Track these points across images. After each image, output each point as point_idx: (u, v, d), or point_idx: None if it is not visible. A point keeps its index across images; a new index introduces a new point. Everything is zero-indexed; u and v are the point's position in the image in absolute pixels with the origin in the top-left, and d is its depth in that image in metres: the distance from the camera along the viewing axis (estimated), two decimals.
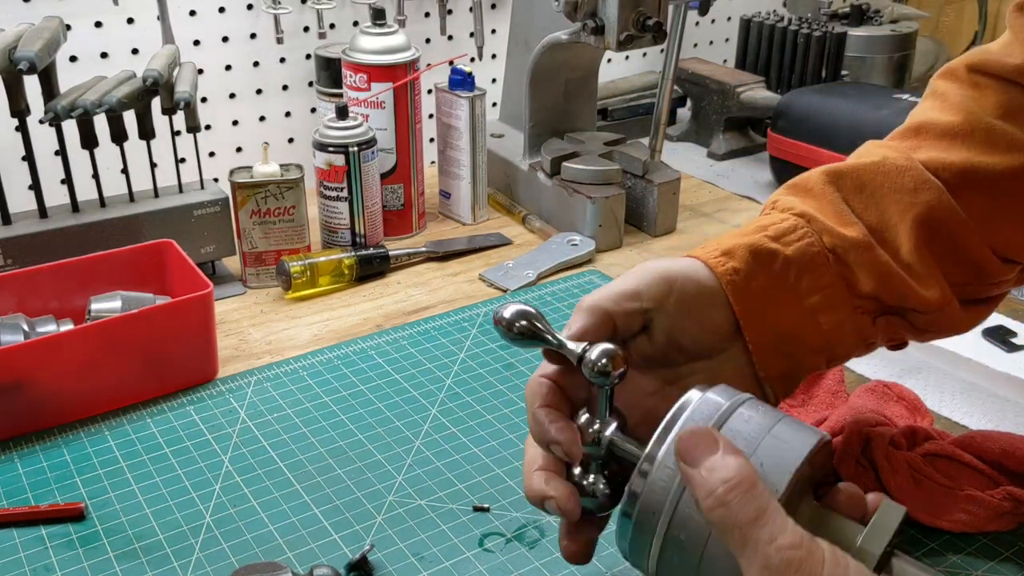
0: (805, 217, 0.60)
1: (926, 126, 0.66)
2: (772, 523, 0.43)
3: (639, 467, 0.48)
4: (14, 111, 1.03)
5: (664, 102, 1.29)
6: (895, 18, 1.74)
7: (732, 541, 0.44)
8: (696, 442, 0.46)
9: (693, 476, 0.45)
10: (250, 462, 0.86)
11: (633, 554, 0.49)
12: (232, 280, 1.18)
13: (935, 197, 0.61)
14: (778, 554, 0.42)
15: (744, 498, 0.44)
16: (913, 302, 0.60)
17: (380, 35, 1.24)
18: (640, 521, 0.47)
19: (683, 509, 0.46)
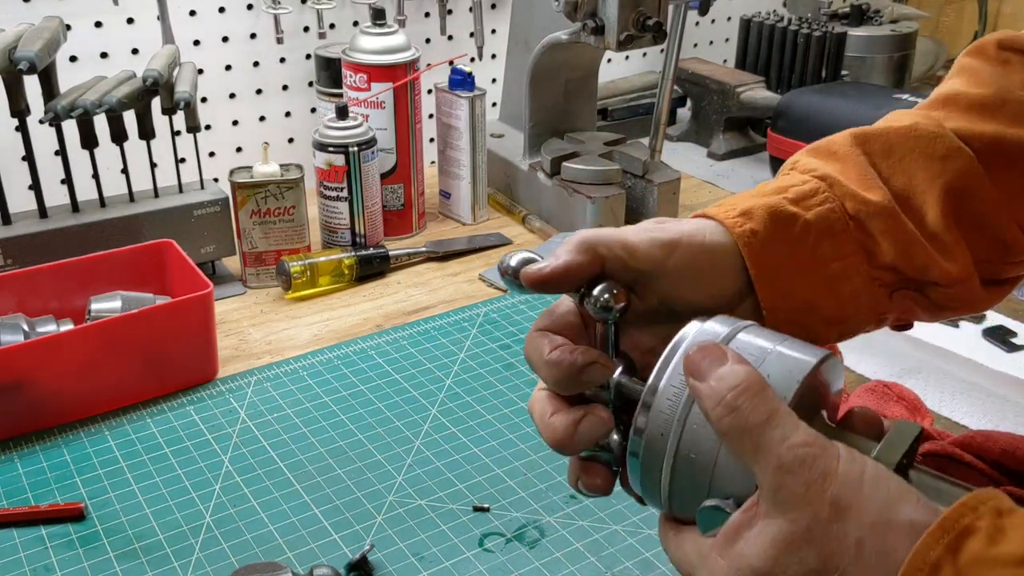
0: (827, 180, 0.58)
1: (955, 97, 0.64)
2: (783, 424, 0.42)
3: (642, 400, 0.47)
4: (14, 111, 1.03)
5: (664, 102, 1.29)
6: (895, 18, 1.74)
7: (744, 447, 0.43)
8: (704, 356, 0.45)
9: (702, 389, 0.44)
10: (250, 462, 0.86)
11: (645, 489, 0.48)
12: (232, 280, 1.18)
13: (966, 166, 0.60)
14: (790, 452, 0.41)
15: (753, 401, 0.43)
16: (934, 274, 0.58)
17: (380, 35, 1.24)
18: (648, 449, 0.46)
19: (691, 428, 0.45)
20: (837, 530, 0.40)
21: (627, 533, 0.79)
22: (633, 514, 0.80)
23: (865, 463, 0.42)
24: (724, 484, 0.45)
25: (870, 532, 0.40)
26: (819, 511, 0.41)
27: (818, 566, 0.40)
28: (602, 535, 0.78)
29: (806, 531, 0.41)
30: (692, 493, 0.46)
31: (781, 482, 0.41)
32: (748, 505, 0.43)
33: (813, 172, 0.58)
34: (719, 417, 0.43)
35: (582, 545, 0.77)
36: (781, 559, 0.41)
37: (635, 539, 0.78)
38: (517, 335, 1.07)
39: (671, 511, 0.47)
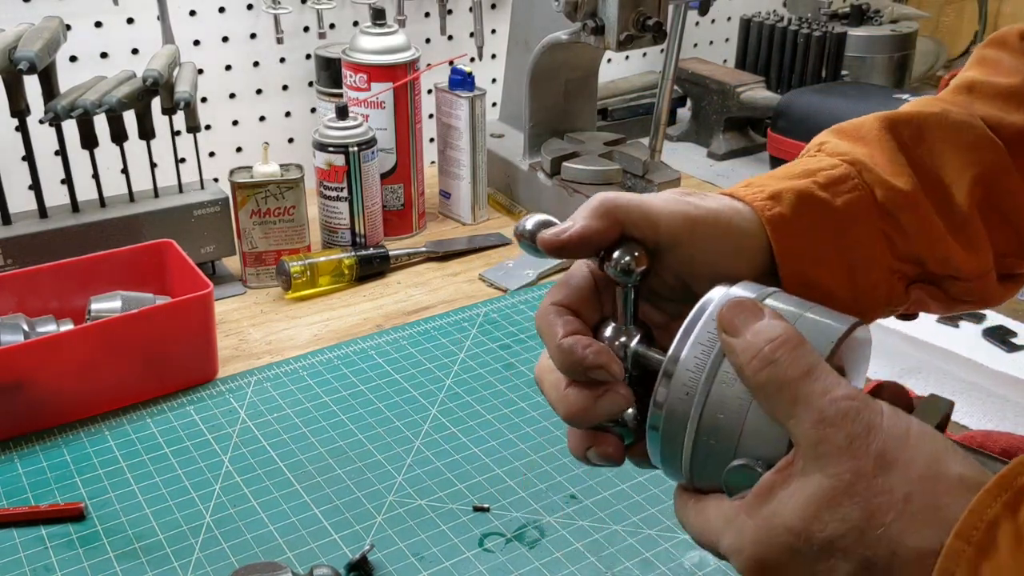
0: (857, 166, 0.56)
1: (979, 85, 0.62)
2: (825, 377, 0.41)
3: (663, 370, 0.45)
4: (14, 111, 1.03)
5: (664, 102, 1.29)
6: (895, 18, 1.74)
7: (781, 401, 0.41)
8: (740, 310, 0.44)
9: (736, 343, 0.43)
10: (250, 462, 0.86)
11: (665, 459, 0.46)
12: (232, 280, 1.18)
13: (996, 156, 0.58)
14: (833, 405, 0.40)
15: (793, 354, 0.41)
16: (955, 267, 0.57)
17: (380, 35, 1.24)
18: (669, 418, 0.45)
19: (718, 389, 0.44)
20: (883, 484, 0.39)
21: (627, 533, 0.79)
22: (633, 514, 0.81)
23: (910, 419, 0.40)
24: (752, 447, 0.43)
25: (919, 486, 0.38)
26: (863, 464, 0.39)
27: (861, 522, 0.39)
28: (602, 535, 0.78)
29: (848, 485, 0.39)
30: (716, 460, 0.44)
31: (822, 435, 0.40)
32: (782, 464, 0.41)
33: (843, 156, 0.57)
34: (756, 370, 0.42)
35: (582, 545, 0.77)
36: (821, 516, 0.39)
37: (635, 539, 0.78)
38: (517, 335, 1.07)
39: (692, 481, 0.46)
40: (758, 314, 0.43)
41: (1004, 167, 0.58)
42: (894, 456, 0.39)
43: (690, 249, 0.51)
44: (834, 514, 0.39)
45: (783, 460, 0.41)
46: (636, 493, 0.83)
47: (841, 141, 0.59)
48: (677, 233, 0.51)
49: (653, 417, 0.45)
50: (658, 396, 0.45)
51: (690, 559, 0.76)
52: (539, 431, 0.91)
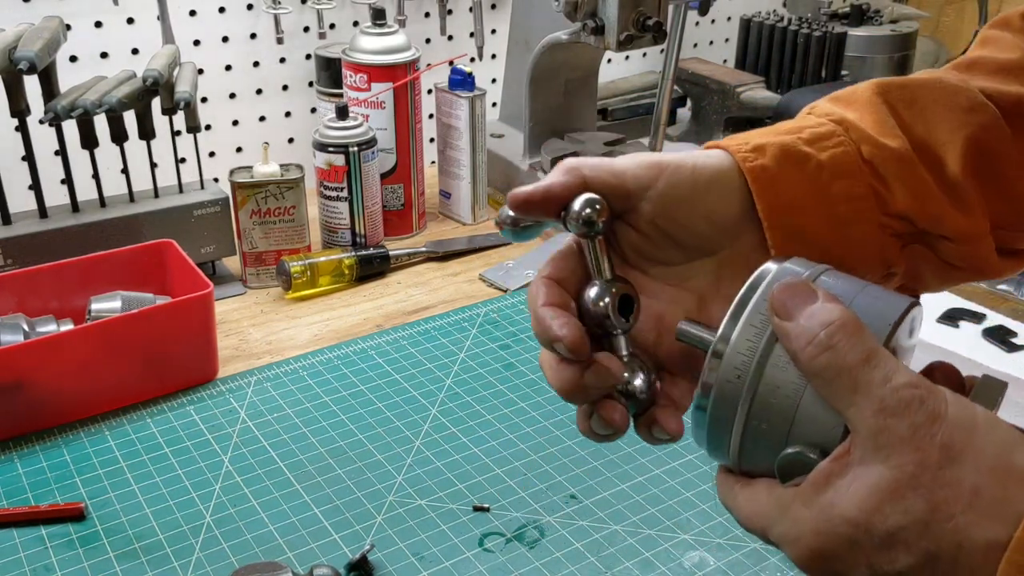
0: (843, 124, 0.56)
1: (979, 61, 0.62)
2: (885, 363, 0.39)
3: (713, 349, 0.44)
4: (14, 111, 1.03)
5: (664, 102, 1.29)
6: (895, 18, 1.74)
7: (839, 388, 0.40)
8: (792, 293, 0.42)
9: (790, 328, 0.41)
10: (250, 462, 0.86)
11: (711, 441, 0.44)
12: (232, 280, 1.18)
13: (990, 120, 0.58)
14: (894, 393, 0.38)
15: (851, 340, 0.40)
16: (947, 227, 0.56)
17: (380, 35, 1.24)
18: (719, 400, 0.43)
19: (770, 373, 0.42)
20: (949, 476, 0.37)
21: (627, 533, 0.79)
22: (633, 514, 0.81)
23: (974, 408, 0.39)
24: (806, 433, 0.41)
25: (988, 478, 0.37)
26: (928, 455, 0.37)
27: (926, 515, 0.37)
28: (602, 535, 0.78)
29: (912, 477, 0.38)
30: (767, 444, 0.42)
31: (884, 425, 0.38)
32: (839, 452, 0.40)
33: (830, 116, 0.57)
34: (812, 356, 0.40)
35: (582, 545, 0.77)
36: (883, 508, 0.38)
37: (635, 539, 0.78)
38: (517, 335, 1.07)
39: (739, 464, 0.44)
40: (812, 296, 0.42)
41: (999, 132, 0.58)
42: (961, 447, 0.37)
43: (661, 195, 0.51)
44: (896, 506, 0.38)
45: (840, 448, 0.40)
46: (636, 493, 0.83)
47: (831, 104, 0.59)
48: (643, 179, 0.51)
49: (700, 398, 0.44)
50: (707, 378, 0.44)
51: (690, 559, 0.76)
52: (539, 431, 0.91)
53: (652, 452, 0.87)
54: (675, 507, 0.81)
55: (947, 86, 0.59)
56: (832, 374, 0.40)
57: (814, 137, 0.55)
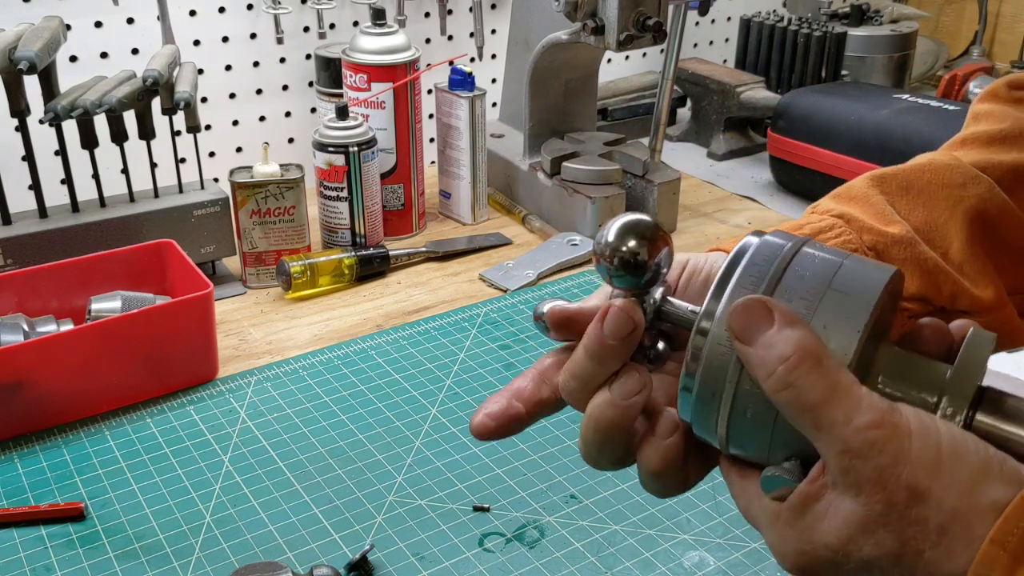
0: (844, 217, 0.57)
1: (971, 137, 0.63)
2: (846, 401, 0.39)
3: (697, 326, 0.42)
4: (14, 111, 1.03)
5: (664, 102, 1.29)
6: (895, 18, 1.74)
7: (803, 424, 0.40)
8: (748, 316, 0.41)
9: (751, 355, 0.41)
10: (250, 462, 0.86)
11: (699, 427, 0.44)
12: (232, 280, 1.18)
13: (986, 190, 0.58)
14: (857, 436, 0.38)
15: (810, 376, 0.39)
16: (965, 302, 0.56)
17: (380, 35, 1.24)
18: (702, 390, 0.42)
19: (746, 384, 0.41)
20: (916, 515, 0.38)
21: (627, 533, 0.79)
22: (633, 514, 0.81)
23: (939, 437, 0.39)
24: (787, 438, 0.41)
25: (952, 518, 0.38)
26: (894, 496, 0.38)
27: (897, 549, 0.39)
28: (602, 535, 0.78)
29: (881, 516, 0.39)
30: (752, 442, 0.42)
31: (849, 466, 0.39)
32: (814, 475, 0.41)
33: (830, 212, 0.58)
34: (773, 391, 0.40)
35: (582, 545, 0.77)
36: (857, 539, 0.39)
37: (635, 539, 0.78)
38: (517, 335, 1.07)
39: (728, 447, 0.44)
40: (768, 319, 0.41)
41: (997, 201, 0.58)
42: (926, 486, 0.38)
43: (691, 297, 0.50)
44: (868, 539, 0.39)
45: (815, 470, 0.41)
46: (636, 493, 0.83)
47: (831, 202, 0.60)
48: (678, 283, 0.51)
49: (686, 378, 0.43)
50: (693, 355, 0.43)
51: (690, 559, 0.76)
52: (539, 431, 0.91)
53: None
54: (675, 507, 0.81)
55: (939, 166, 0.59)
56: (794, 411, 0.40)
57: (815, 231, 0.56)
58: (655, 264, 0.44)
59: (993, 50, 1.94)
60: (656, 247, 0.44)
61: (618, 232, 0.44)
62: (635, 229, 0.44)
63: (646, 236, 0.44)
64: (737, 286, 0.42)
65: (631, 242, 0.44)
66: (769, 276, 0.43)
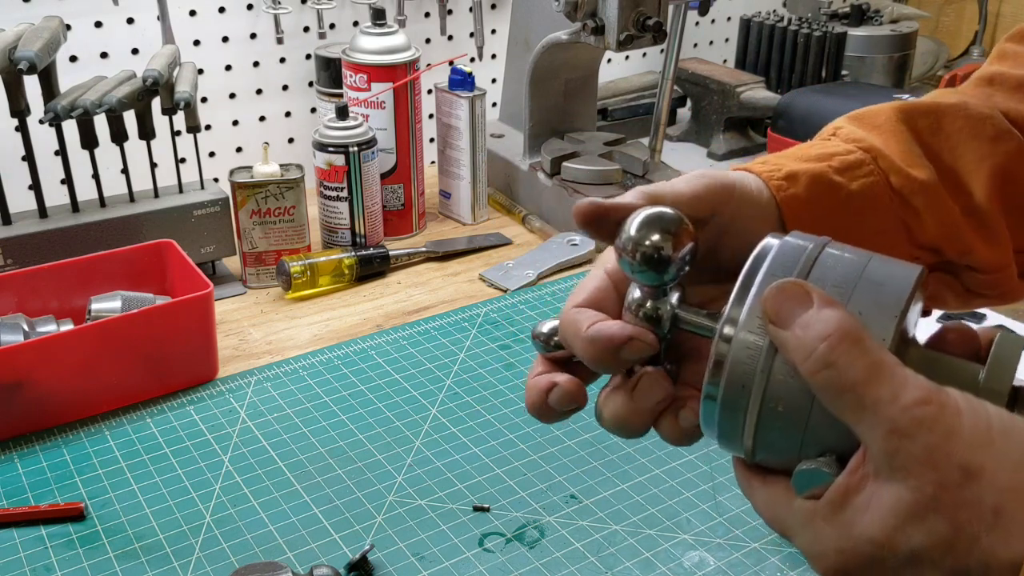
0: (872, 152, 0.54)
1: (999, 77, 0.61)
2: (890, 379, 0.37)
3: (720, 332, 0.40)
4: (14, 111, 1.03)
5: (664, 102, 1.29)
6: (895, 18, 1.74)
7: (844, 407, 0.37)
8: (784, 298, 0.39)
9: (787, 339, 0.38)
10: (250, 462, 0.86)
11: (724, 438, 0.41)
12: (232, 280, 1.18)
13: (1014, 148, 0.57)
14: (905, 414, 0.36)
15: (852, 354, 0.37)
16: (974, 258, 0.55)
17: (380, 35, 1.24)
18: (728, 397, 0.40)
19: (777, 376, 0.39)
20: (969, 495, 0.36)
21: (627, 533, 0.79)
22: (633, 514, 0.81)
23: (988, 414, 0.37)
24: (820, 436, 0.39)
25: (1009, 497, 0.36)
26: (946, 476, 0.36)
27: (949, 536, 0.36)
28: (602, 535, 0.78)
29: (932, 499, 0.36)
30: (782, 444, 0.40)
31: (897, 447, 0.36)
32: (854, 466, 0.38)
33: (858, 142, 0.55)
34: (811, 372, 0.38)
35: (582, 545, 0.77)
36: (905, 528, 0.37)
37: (635, 539, 0.78)
38: (517, 335, 1.07)
39: (753, 456, 0.41)
40: (806, 301, 0.39)
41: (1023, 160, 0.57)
42: (979, 464, 0.36)
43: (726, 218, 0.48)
44: (919, 527, 0.36)
45: (854, 460, 0.38)
46: (636, 493, 0.83)
47: (856, 128, 0.57)
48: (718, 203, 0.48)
49: (710, 386, 0.41)
50: (715, 363, 0.40)
51: (690, 559, 0.76)
52: (539, 431, 0.91)
53: (652, 452, 0.87)
54: (675, 507, 0.81)
55: (972, 114, 0.58)
56: (835, 393, 0.38)
57: (844, 166, 0.53)
58: (680, 259, 0.42)
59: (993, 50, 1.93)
60: (680, 241, 0.42)
61: (640, 225, 0.42)
62: (659, 222, 0.42)
63: (670, 230, 0.42)
64: (760, 290, 0.40)
65: (654, 236, 0.42)
66: (797, 272, 0.41)
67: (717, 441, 0.42)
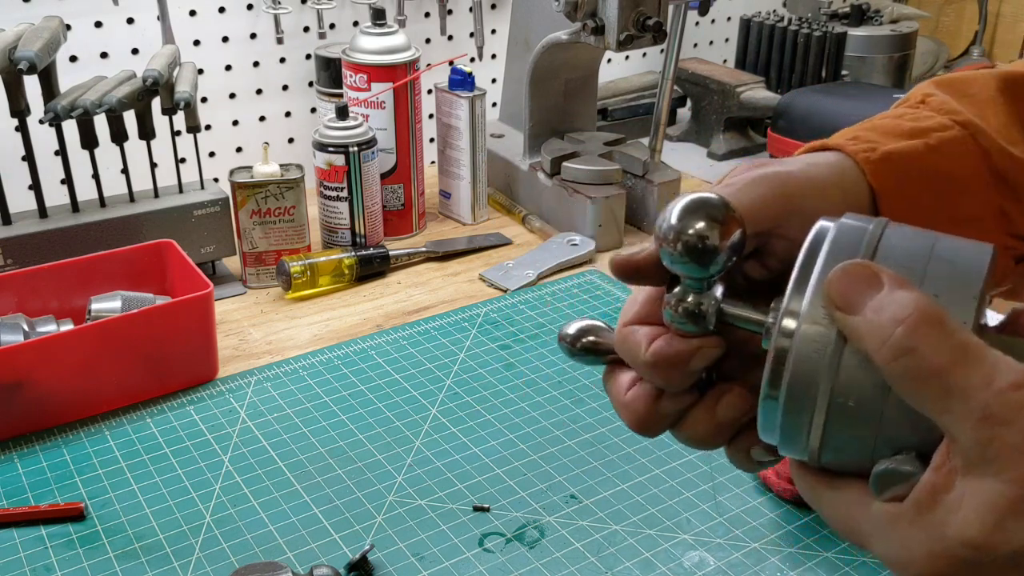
0: (969, 128, 0.49)
1: None
2: (980, 362, 0.33)
3: (778, 327, 0.37)
4: (14, 111, 1.03)
5: (664, 102, 1.29)
6: (895, 18, 1.74)
7: (926, 396, 0.34)
8: (851, 281, 0.35)
9: (857, 325, 0.35)
10: (250, 462, 0.86)
11: (786, 441, 0.38)
12: (232, 280, 1.18)
13: None
14: (1000, 399, 0.33)
15: (933, 337, 0.33)
16: None
17: (380, 35, 1.24)
18: (791, 397, 0.36)
19: (847, 369, 0.35)
20: None
21: (627, 533, 0.79)
22: (633, 514, 0.81)
23: None
24: (896, 432, 0.36)
25: None
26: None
27: None
28: (602, 535, 0.78)
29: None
30: (853, 444, 0.36)
31: (991, 435, 0.33)
32: (939, 461, 0.35)
33: (953, 115, 0.50)
34: (887, 360, 0.34)
35: (582, 545, 0.77)
36: (1004, 525, 0.33)
37: (635, 539, 0.78)
38: (517, 335, 1.07)
39: (820, 458, 0.38)
40: (876, 283, 0.35)
41: None
42: None
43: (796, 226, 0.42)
44: (1020, 524, 0.33)
45: (939, 456, 0.35)
46: (636, 493, 0.83)
47: (948, 97, 0.51)
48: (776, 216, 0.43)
49: (770, 386, 0.37)
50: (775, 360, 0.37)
51: (690, 559, 0.76)
52: (539, 431, 0.91)
53: (652, 452, 0.87)
54: (675, 507, 0.81)
55: None
56: (917, 381, 0.34)
57: (940, 143, 0.48)
58: (727, 249, 0.39)
59: (993, 50, 1.94)
60: (728, 230, 0.39)
61: (683, 212, 0.39)
62: (703, 208, 0.39)
63: (716, 217, 0.39)
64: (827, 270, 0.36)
65: (698, 224, 0.38)
66: (861, 254, 0.37)
67: (778, 441, 0.39)
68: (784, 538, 0.78)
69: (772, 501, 0.82)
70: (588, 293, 1.15)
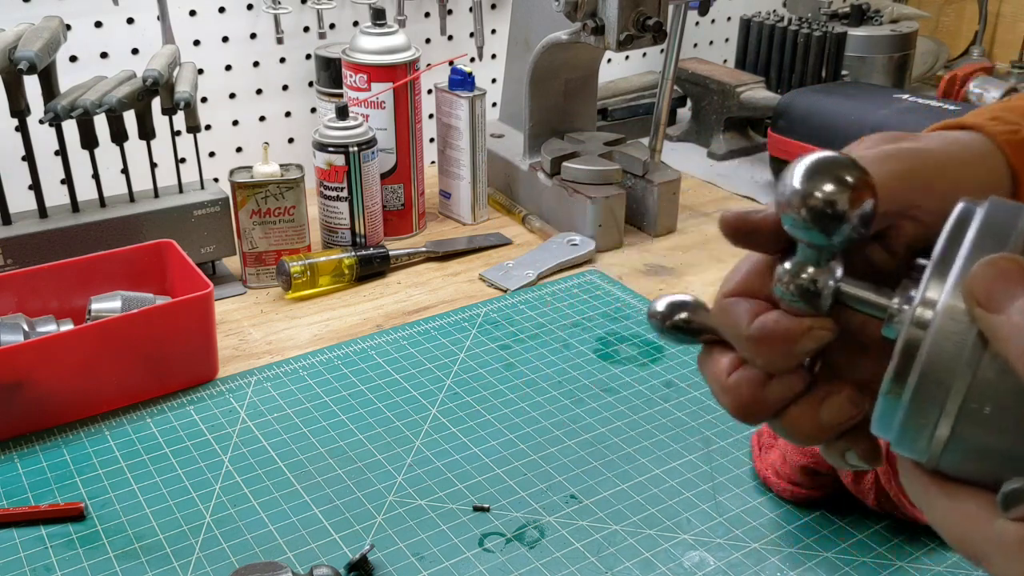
0: None
1: None
2: None
3: (912, 316, 0.34)
4: (14, 111, 1.03)
5: (664, 102, 1.29)
6: (895, 18, 1.74)
7: None
8: (996, 278, 0.32)
9: (999, 326, 0.31)
10: (250, 462, 0.86)
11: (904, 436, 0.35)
12: (232, 280, 1.18)
13: None
14: None
15: None
16: None
17: (380, 35, 1.24)
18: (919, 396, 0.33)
19: (986, 373, 0.32)
20: None
21: (627, 533, 0.79)
22: (633, 514, 0.81)
23: None
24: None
25: None
26: None
27: None
28: (602, 535, 0.78)
29: None
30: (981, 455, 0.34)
31: None
32: None
33: None
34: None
35: (582, 545, 0.77)
36: None
37: (635, 539, 0.78)
38: (517, 335, 1.07)
39: (939, 461, 0.35)
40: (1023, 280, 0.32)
41: None
42: None
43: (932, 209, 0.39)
44: None
45: None
46: (636, 493, 0.83)
47: None
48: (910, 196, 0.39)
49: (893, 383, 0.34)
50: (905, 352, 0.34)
51: (690, 559, 0.76)
52: (539, 431, 0.91)
53: (652, 452, 0.87)
54: (675, 507, 0.81)
55: None
56: None
57: None
58: (856, 218, 0.35)
59: (993, 50, 1.94)
60: (860, 195, 0.35)
61: (809, 172, 0.35)
62: (833, 168, 0.35)
63: (847, 181, 0.35)
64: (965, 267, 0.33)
65: (827, 186, 0.35)
66: (1011, 246, 0.33)
67: (895, 438, 0.36)
68: (784, 538, 0.78)
69: (772, 501, 0.82)
70: (588, 293, 1.15)
